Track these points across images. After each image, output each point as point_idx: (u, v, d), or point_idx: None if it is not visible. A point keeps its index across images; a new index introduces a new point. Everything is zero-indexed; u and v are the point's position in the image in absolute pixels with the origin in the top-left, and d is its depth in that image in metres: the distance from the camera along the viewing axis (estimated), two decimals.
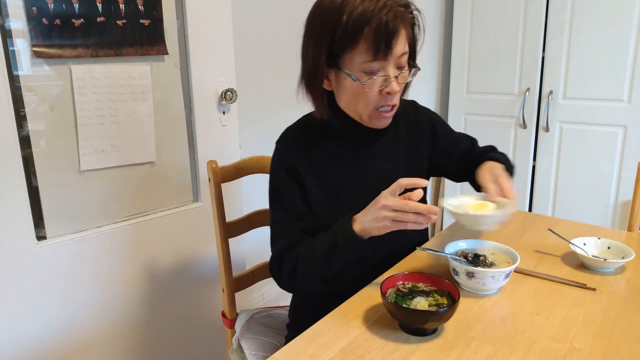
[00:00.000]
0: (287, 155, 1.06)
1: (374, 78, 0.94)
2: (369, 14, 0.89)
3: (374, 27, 0.89)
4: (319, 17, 0.95)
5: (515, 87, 2.29)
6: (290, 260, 1.00)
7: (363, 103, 0.98)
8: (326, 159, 1.06)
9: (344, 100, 1.01)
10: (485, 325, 0.86)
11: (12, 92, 1.22)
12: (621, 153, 2.09)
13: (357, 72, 0.94)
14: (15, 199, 1.25)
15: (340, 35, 0.91)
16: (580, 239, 1.13)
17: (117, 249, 1.48)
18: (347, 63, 0.94)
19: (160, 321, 1.64)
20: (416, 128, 1.16)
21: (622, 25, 1.98)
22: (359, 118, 1.02)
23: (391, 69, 0.94)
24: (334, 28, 0.91)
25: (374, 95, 0.96)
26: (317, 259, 0.96)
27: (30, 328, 1.34)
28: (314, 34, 0.96)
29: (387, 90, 0.96)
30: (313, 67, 0.97)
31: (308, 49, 0.97)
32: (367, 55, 0.92)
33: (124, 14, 1.39)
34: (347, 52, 0.93)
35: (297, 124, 1.12)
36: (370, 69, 0.93)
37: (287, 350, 0.80)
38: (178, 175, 1.63)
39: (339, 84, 0.99)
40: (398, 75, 0.96)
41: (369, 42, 0.90)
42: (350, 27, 0.90)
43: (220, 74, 1.64)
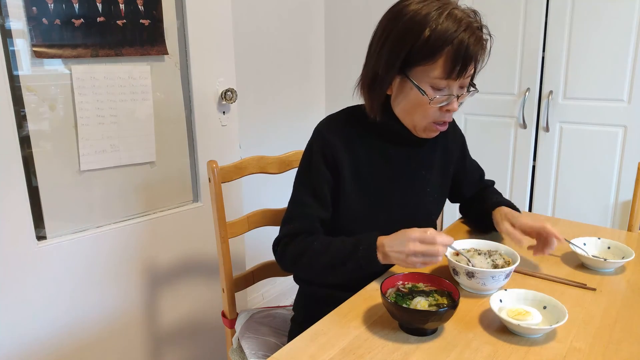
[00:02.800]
0: (329, 142, 1.05)
1: (439, 96, 0.97)
2: (452, 33, 0.91)
3: (455, 48, 0.92)
4: (401, 24, 0.95)
5: (515, 87, 2.29)
6: (299, 246, 1.02)
7: (422, 115, 1.01)
8: (366, 154, 1.07)
9: (402, 107, 1.03)
10: (485, 325, 0.86)
11: (12, 92, 1.22)
12: (621, 153, 2.09)
13: (424, 86, 0.96)
14: (15, 199, 1.25)
15: (421, 48, 0.93)
16: (580, 239, 1.13)
17: (117, 249, 1.48)
18: (418, 75, 0.96)
19: (160, 321, 1.64)
20: (452, 143, 1.21)
21: (622, 25, 1.98)
22: (412, 127, 1.05)
23: (456, 88, 0.98)
24: (414, 39, 0.93)
25: (435, 110, 0.99)
26: (328, 261, 0.99)
27: (30, 328, 1.34)
28: (391, 40, 0.96)
29: (448, 108, 0.99)
30: (384, 71, 0.98)
31: (382, 52, 0.98)
32: (441, 72, 0.94)
33: (124, 14, 1.39)
34: (421, 65, 0.95)
35: (341, 114, 1.12)
36: (439, 86, 0.96)
37: (287, 350, 0.80)
38: (178, 175, 1.63)
39: (401, 91, 1.01)
40: (460, 95, 0.99)
41: (446, 60, 0.93)
42: (432, 42, 0.92)
43: (220, 74, 1.64)
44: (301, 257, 1.01)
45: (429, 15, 0.93)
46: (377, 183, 1.08)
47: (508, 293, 0.89)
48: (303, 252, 1.01)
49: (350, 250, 0.97)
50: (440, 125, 1.03)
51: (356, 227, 1.06)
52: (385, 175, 1.08)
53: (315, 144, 1.07)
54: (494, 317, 0.87)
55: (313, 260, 1.00)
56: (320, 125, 1.09)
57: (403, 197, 1.10)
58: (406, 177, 1.10)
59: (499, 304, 0.87)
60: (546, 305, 0.87)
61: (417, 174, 1.12)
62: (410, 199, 1.12)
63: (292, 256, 1.03)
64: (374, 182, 1.07)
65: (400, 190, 1.10)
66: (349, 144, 1.06)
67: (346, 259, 0.96)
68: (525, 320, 0.82)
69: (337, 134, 1.06)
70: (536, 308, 0.86)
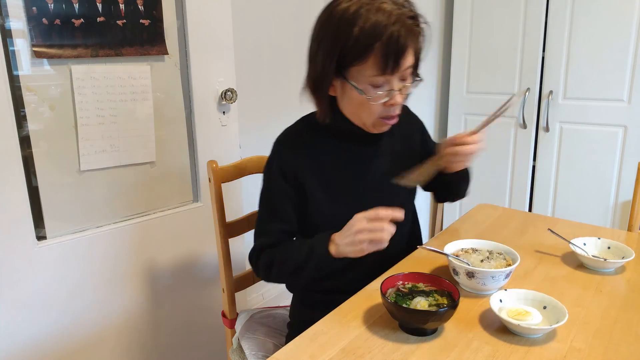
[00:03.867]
0: (287, 158, 1.06)
1: (379, 92, 0.95)
2: (380, 29, 0.89)
3: (384, 43, 0.90)
4: (331, 26, 0.94)
5: (515, 87, 2.29)
6: (266, 258, 1.06)
7: (367, 113, 1.00)
8: (328, 160, 1.07)
9: (348, 108, 1.03)
10: (485, 325, 0.86)
11: (12, 92, 1.22)
12: (621, 153, 2.09)
13: (363, 85, 0.95)
14: (15, 199, 1.25)
15: (351, 48, 0.92)
16: (580, 239, 1.13)
17: (117, 249, 1.48)
18: (354, 75, 0.95)
19: (161, 321, 1.64)
20: (409, 129, 1.19)
21: (622, 25, 1.98)
22: (362, 125, 1.04)
23: (396, 82, 0.96)
24: (345, 40, 0.92)
25: (378, 106, 0.98)
26: (289, 267, 1.01)
27: (30, 328, 1.34)
28: (324, 43, 0.96)
29: (391, 103, 0.98)
30: (321, 74, 0.98)
31: (317, 56, 0.98)
32: (375, 70, 0.92)
33: (124, 14, 1.39)
34: (355, 65, 0.93)
35: (298, 124, 1.12)
36: (377, 83, 0.95)
37: (287, 350, 0.80)
38: (178, 175, 1.63)
39: (344, 93, 1.01)
40: (402, 88, 0.98)
41: (378, 57, 0.91)
42: (361, 41, 0.90)
43: (220, 74, 1.64)
44: (270, 269, 1.05)
45: (356, 12, 0.91)
46: (344, 185, 1.08)
47: (508, 293, 0.89)
48: (270, 265, 1.05)
49: (306, 254, 0.98)
50: (388, 119, 1.02)
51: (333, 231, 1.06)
52: (350, 175, 1.08)
53: (273, 161, 1.08)
54: (494, 317, 0.87)
55: (280, 270, 1.04)
56: (277, 140, 1.10)
57: (373, 193, 1.10)
58: (372, 174, 1.10)
59: (499, 304, 0.87)
60: (546, 305, 0.87)
61: (382, 168, 1.11)
62: (380, 194, 1.11)
63: (263, 270, 1.07)
64: (341, 185, 1.08)
65: (368, 187, 1.10)
66: (308, 153, 1.07)
67: (303, 264, 0.99)
68: (525, 320, 0.82)
69: (294, 147, 1.07)
70: (536, 308, 0.87)
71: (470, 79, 2.43)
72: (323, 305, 0.96)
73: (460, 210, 2.63)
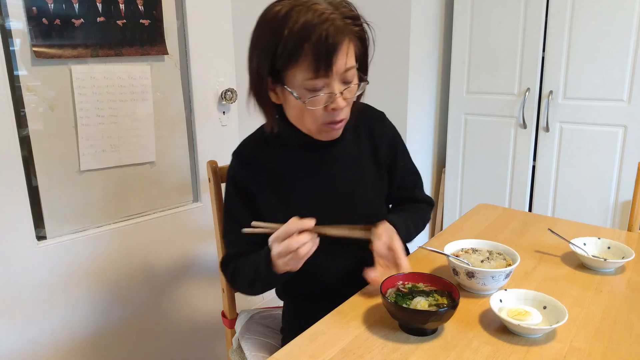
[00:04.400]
0: (240, 172, 1.04)
1: (317, 95, 0.90)
2: (309, 29, 0.85)
3: (313, 43, 0.85)
4: (263, 29, 0.91)
5: (515, 87, 2.29)
6: (229, 270, 1.06)
7: (309, 119, 0.95)
8: (283, 171, 1.04)
9: (292, 116, 0.98)
10: (485, 325, 0.86)
11: (12, 92, 1.22)
12: (621, 153, 2.09)
13: (299, 89, 0.90)
14: (15, 199, 1.25)
15: (282, 52, 0.87)
16: (580, 239, 1.13)
17: (117, 249, 1.48)
18: (290, 79, 0.90)
19: (161, 321, 1.64)
20: (379, 139, 1.12)
21: (622, 25, 1.98)
22: (308, 132, 0.99)
23: (336, 85, 0.90)
24: (275, 43, 0.87)
25: (319, 111, 0.93)
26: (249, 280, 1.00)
27: (29, 328, 1.34)
28: (257, 47, 0.92)
29: (332, 107, 0.92)
30: (258, 80, 0.93)
31: (252, 62, 0.93)
32: (308, 73, 0.87)
33: (124, 14, 1.39)
34: (288, 69, 0.89)
35: (253, 136, 1.09)
36: (313, 86, 0.89)
37: (287, 350, 0.80)
38: (178, 175, 1.63)
39: (285, 100, 0.96)
40: (344, 91, 0.92)
41: (309, 59, 0.86)
42: (290, 43, 0.86)
43: (220, 74, 1.64)
44: (234, 280, 1.06)
45: (287, 15, 0.86)
46: (299, 196, 1.04)
47: (508, 293, 0.89)
48: (234, 276, 1.05)
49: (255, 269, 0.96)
50: (334, 125, 0.96)
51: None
52: (304, 185, 1.04)
53: (229, 174, 1.07)
54: (494, 317, 0.87)
55: (241, 280, 1.04)
56: (234, 152, 1.08)
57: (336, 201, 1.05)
58: (333, 181, 1.05)
59: (499, 304, 0.87)
60: (546, 305, 0.87)
61: (343, 178, 1.06)
62: (342, 203, 1.05)
63: (231, 281, 1.07)
64: (295, 195, 1.04)
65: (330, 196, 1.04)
66: (262, 166, 1.03)
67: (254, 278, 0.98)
68: (525, 320, 0.82)
69: (247, 161, 1.04)
70: (536, 308, 0.86)
71: (470, 79, 2.43)
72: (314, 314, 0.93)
73: (460, 210, 2.63)
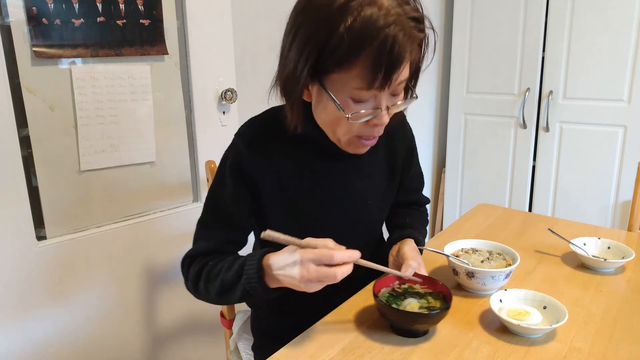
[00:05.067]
0: (246, 157, 0.89)
1: (361, 110, 0.78)
2: (372, 31, 0.70)
3: (376, 50, 0.71)
4: (311, 14, 0.75)
5: (515, 87, 2.29)
6: (197, 267, 0.89)
7: (343, 130, 0.83)
8: (292, 168, 0.91)
9: (322, 119, 0.86)
10: (485, 325, 0.86)
11: (12, 92, 1.22)
12: (621, 153, 2.09)
13: (342, 97, 0.77)
14: (15, 199, 1.25)
15: (333, 51, 0.73)
16: (580, 239, 1.13)
17: (117, 249, 1.48)
18: (334, 83, 0.77)
19: (160, 321, 1.64)
20: (399, 143, 1.04)
21: (622, 25, 1.98)
22: (336, 141, 0.88)
23: (385, 98, 0.78)
24: (326, 38, 0.72)
25: (359, 124, 0.81)
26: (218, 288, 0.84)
27: (29, 328, 1.34)
28: (299, 36, 0.76)
29: (374, 123, 0.80)
30: (292, 76, 0.79)
31: (290, 52, 0.78)
32: (360, 82, 0.74)
33: (124, 14, 1.39)
34: (336, 72, 0.75)
35: (264, 117, 0.95)
36: (360, 98, 0.77)
37: (287, 350, 0.80)
38: (178, 175, 1.63)
39: (319, 101, 0.83)
40: (391, 107, 0.80)
41: (366, 67, 0.72)
42: (345, 43, 0.71)
43: (220, 74, 1.64)
44: (197, 283, 0.89)
45: (345, 5, 0.71)
46: (306, 200, 0.93)
47: (508, 293, 0.89)
48: (198, 278, 0.88)
49: (235, 274, 0.80)
50: (368, 141, 0.85)
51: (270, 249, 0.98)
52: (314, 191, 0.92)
53: (230, 157, 0.91)
54: (494, 317, 0.87)
55: (207, 286, 0.87)
56: (237, 132, 0.93)
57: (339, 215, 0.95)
58: (341, 193, 0.95)
59: (499, 304, 0.87)
60: (546, 305, 0.87)
61: (353, 187, 0.97)
62: (347, 215, 0.97)
63: (192, 282, 0.90)
64: (302, 199, 0.92)
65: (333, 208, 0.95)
66: (270, 155, 0.90)
67: (233, 285, 0.81)
68: (525, 320, 0.82)
69: (255, 146, 0.90)
70: (536, 308, 0.87)
71: (470, 79, 2.43)
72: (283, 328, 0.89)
73: (460, 210, 2.63)
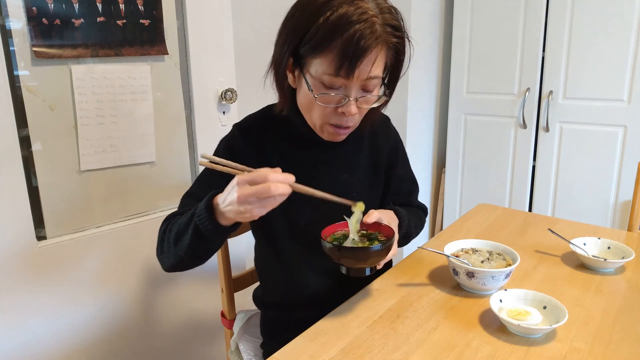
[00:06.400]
0: (239, 141, 0.99)
1: (331, 94, 0.86)
2: (344, 24, 0.80)
3: (343, 40, 0.80)
4: (300, 7, 0.86)
5: (515, 87, 2.29)
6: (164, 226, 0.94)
7: (316, 114, 0.91)
8: (280, 159, 0.99)
9: (301, 103, 0.94)
10: (485, 325, 0.86)
11: (12, 92, 1.22)
12: (621, 153, 2.09)
13: (316, 81, 0.86)
14: (15, 199, 1.25)
15: (310, 38, 0.83)
16: (580, 239, 1.13)
17: (117, 249, 1.48)
18: (311, 67, 0.86)
19: (160, 321, 1.64)
20: (383, 142, 1.10)
21: (622, 25, 1.98)
22: (312, 126, 0.96)
23: (354, 89, 0.86)
24: (307, 27, 0.83)
25: (329, 109, 0.89)
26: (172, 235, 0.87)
27: (29, 327, 1.34)
28: (288, 25, 0.88)
29: (342, 111, 0.88)
30: (279, 57, 0.90)
31: (280, 37, 0.90)
32: (329, 68, 0.83)
33: (124, 14, 1.39)
34: (311, 57, 0.85)
35: (260, 114, 1.05)
36: (331, 84, 0.85)
37: (287, 350, 0.80)
38: (178, 175, 1.63)
39: (299, 86, 0.92)
40: (360, 98, 0.87)
41: (334, 54, 0.82)
42: (321, 32, 0.81)
43: (220, 74, 1.64)
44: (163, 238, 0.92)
45: (328, 3, 0.81)
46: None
47: (508, 293, 0.89)
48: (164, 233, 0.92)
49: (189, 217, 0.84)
50: (340, 129, 0.92)
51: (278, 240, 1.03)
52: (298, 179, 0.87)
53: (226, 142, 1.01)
54: (494, 317, 0.87)
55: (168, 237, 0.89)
56: (236, 124, 1.03)
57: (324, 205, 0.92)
58: (326, 183, 0.97)
59: (499, 304, 0.87)
60: (546, 305, 0.87)
61: (337, 180, 1.02)
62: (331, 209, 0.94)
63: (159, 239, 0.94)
64: None
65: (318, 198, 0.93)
66: (262, 147, 0.99)
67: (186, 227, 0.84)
68: (525, 320, 0.82)
69: (249, 133, 1.00)
70: (536, 308, 0.87)
71: (470, 79, 2.43)
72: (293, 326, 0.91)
73: (460, 210, 2.63)
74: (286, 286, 1.08)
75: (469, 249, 1.05)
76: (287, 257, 1.05)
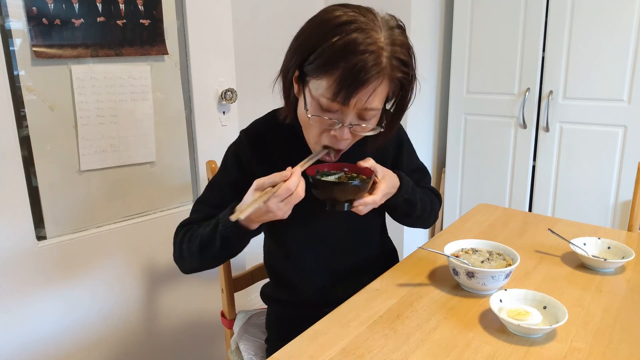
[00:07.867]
0: (246, 147, 1.00)
1: (324, 118, 0.86)
2: (349, 51, 0.79)
3: (345, 67, 0.79)
4: (314, 25, 0.86)
5: (515, 87, 2.29)
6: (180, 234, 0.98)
7: (311, 134, 0.93)
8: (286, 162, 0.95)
9: (299, 117, 0.95)
10: (485, 325, 0.86)
11: (12, 92, 1.22)
12: (621, 153, 2.09)
13: (314, 101, 0.86)
14: (15, 199, 1.25)
15: (315, 57, 0.83)
16: (580, 239, 1.13)
17: (117, 249, 1.48)
18: (312, 86, 0.86)
19: (160, 321, 1.63)
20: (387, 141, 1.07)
21: (622, 25, 1.98)
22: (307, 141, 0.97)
23: (349, 116, 0.86)
24: (315, 46, 0.83)
25: (321, 130, 0.90)
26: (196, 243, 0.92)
27: (29, 328, 1.34)
28: (300, 39, 0.88)
29: (334, 134, 0.88)
30: (286, 67, 0.91)
31: (291, 49, 0.90)
32: (327, 92, 0.83)
33: (124, 14, 1.39)
34: (313, 77, 0.85)
35: (265, 118, 1.06)
36: (328, 107, 0.85)
37: (287, 350, 0.80)
38: (178, 175, 1.63)
39: (300, 100, 0.93)
40: (354, 125, 0.87)
41: (334, 79, 0.81)
42: (326, 54, 0.81)
43: (220, 74, 1.64)
44: (182, 247, 0.97)
45: (343, 25, 0.81)
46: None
47: (508, 293, 0.89)
48: (183, 240, 0.97)
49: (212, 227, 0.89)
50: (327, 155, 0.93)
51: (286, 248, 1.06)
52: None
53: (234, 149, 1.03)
54: (494, 317, 0.87)
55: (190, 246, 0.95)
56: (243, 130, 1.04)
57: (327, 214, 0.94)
58: None
59: (499, 304, 0.87)
60: (546, 305, 0.87)
61: None
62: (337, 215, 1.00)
63: (178, 248, 0.99)
64: None
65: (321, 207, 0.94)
66: (269, 151, 1.00)
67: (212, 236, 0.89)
68: (525, 320, 0.82)
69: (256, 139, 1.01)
70: (536, 308, 0.87)
71: (470, 79, 2.43)
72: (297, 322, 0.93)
73: (460, 210, 2.63)
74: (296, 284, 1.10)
75: (469, 249, 1.05)
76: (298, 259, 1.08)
